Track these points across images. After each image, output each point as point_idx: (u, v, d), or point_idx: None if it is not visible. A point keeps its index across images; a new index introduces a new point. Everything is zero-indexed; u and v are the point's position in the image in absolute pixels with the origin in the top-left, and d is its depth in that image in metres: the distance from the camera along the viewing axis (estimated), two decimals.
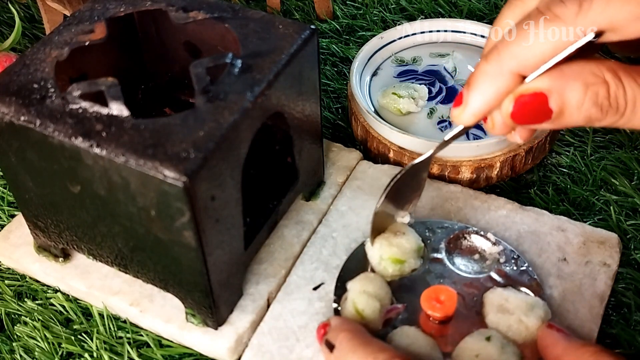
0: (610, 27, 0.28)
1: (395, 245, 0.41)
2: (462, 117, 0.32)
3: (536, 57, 0.29)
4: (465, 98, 0.32)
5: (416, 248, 0.42)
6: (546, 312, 0.38)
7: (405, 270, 0.41)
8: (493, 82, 0.30)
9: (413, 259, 0.41)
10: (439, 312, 0.38)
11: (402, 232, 0.42)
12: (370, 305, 0.39)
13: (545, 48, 0.29)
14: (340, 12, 0.66)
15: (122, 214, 0.36)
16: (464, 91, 0.32)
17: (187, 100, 0.47)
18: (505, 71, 0.30)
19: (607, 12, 0.28)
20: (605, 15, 0.28)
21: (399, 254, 0.41)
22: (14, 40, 0.56)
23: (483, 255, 0.42)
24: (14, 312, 0.44)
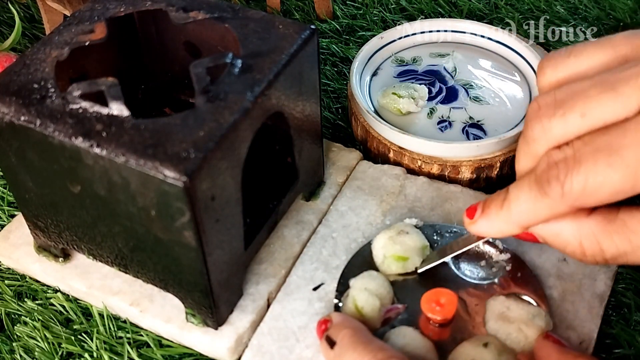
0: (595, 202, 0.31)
1: (398, 243, 0.41)
2: (469, 228, 0.37)
3: (535, 220, 0.34)
4: (476, 219, 0.37)
5: (420, 246, 0.42)
6: (547, 323, 0.38)
7: (408, 267, 0.41)
8: (500, 224, 0.36)
9: (417, 256, 0.41)
10: (438, 314, 0.38)
11: (406, 231, 0.42)
12: (370, 303, 0.39)
13: (543, 216, 0.33)
14: (340, 12, 0.66)
15: (122, 214, 0.36)
16: (478, 210, 0.37)
17: (187, 100, 0.47)
18: (511, 222, 0.35)
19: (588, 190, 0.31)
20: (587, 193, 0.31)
21: (402, 251, 0.41)
22: (14, 40, 0.56)
23: (489, 262, 0.42)
24: (14, 312, 0.44)
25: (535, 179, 0.33)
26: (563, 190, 0.31)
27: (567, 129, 0.32)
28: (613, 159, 0.30)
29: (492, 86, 0.54)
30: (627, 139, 0.30)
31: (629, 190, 0.30)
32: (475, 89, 0.54)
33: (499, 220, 0.36)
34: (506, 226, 0.36)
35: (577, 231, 0.33)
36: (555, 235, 0.35)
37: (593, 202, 0.31)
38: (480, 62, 0.56)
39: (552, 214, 0.33)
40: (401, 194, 0.47)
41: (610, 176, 0.30)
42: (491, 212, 0.36)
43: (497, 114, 0.51)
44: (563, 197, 0.32)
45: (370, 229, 0.45)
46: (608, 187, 0.30)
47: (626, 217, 0.32)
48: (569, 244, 0.34)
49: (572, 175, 0.31)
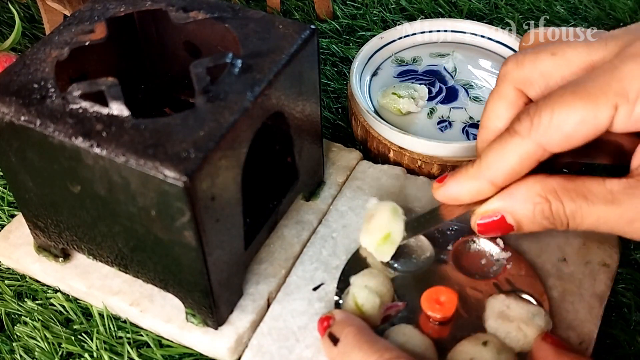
0: (561, 136, 0.33)
1: (372, 230, 0.41)
2: (437, 194, 0.38)
3: (505, 169, 0.35)
4: (446, 182, 0.38)
5: (390, 214, 0.41)
6: (547, 322, 0.38)
7: (397, 239, 0.41)
8: (470, 182, 0.36)
9: (395, 224, 0.41)
10: (438, 312, 0.38)
11: (371, 214, 0.42)
12: (370, 301, 0.39)
13: (513, 161, 0.34)
14: (340, 12, 0.66)
15: (122, 214, 0.36)
16: (449, 176, 0.38)
17: (187, 100, 0.47)
18: (481, 177, 0.36)
19: (554, 121, 0.32)
20: (554, 124, 0.33)
21: (379, 232, 0.41)
22: (14, 40, 0.56)
23: (490, 260, 0.42)
24: (14, 312, 0.44)
25: (507, 129, 0.35)
26: (532, 124, 0.33)
27: (537, 65, 0.35)
28: (578, 89, 0.33)
29: (492, 86, 0.54)
30: (591, 75, 0.33)
31: (591, 121, 0.32)
32: (475, 89, 0.54)
33: (468, 178, 0.36)
34: (475, 183, 0.36)
35: (543, 188, 0.34)
36: (523, 201, 0.35)
37: (559, 136, 0.33)
38: (480, 62, 0.56)
39: (521, 155, 0.34)
40: (401, 194, 0.47)
41: (574, 105, 0.32)
42: (461, 172, 0.37)
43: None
44: (531, 130, 0.33)
45: None
46: (573, 117, 0.32)
47: (585, 178, 0.34)
48: (538, 204, 0.35)
49: (541, 109, 0.33)
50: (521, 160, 0.34)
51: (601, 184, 0.34)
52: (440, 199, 0.38)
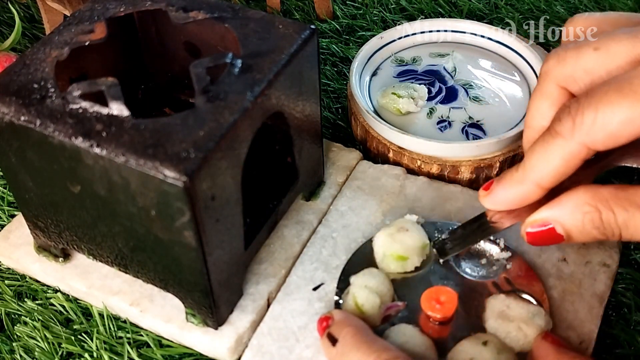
0: (606, 135, 0.32)
1: (398, 241, 0.41)
2: (485, 201, 0.38)
3: (550, 171, 0.34)
4: (493, 188, 0.37)
5: (420, 245, 0.42)
6: (547, 322, 0.38)
7: (408, 267, 0.41)
8: (516, 187, 0.36)
9: (417, 256, 0.41)
10: (438, 312, 0.38)
11: (406, 228, 0.42)
12: (370, 301, 0.39)
13: (557, 162, 0.33)
14: (340, 12, 0.66)
15: (122, 214, 0.36)
16: (494, 182, 0.37)
17: (187, 100, 0.47)
18: (527, 180, 0.35)
19: (598, 120, 0.31)
20: (598, 124, 0.31)
21: (402, 250, 0.41)
22: (14, 40, 0.56)
23: (490, 260, 0.42)
24: (14, 312, 0.44)
25: (547, 129, 0.34)
26: (574, 124, 0.32)
27: (580, 61, 0.34)
28: (623, 86, 0.31)
29: (491, 86, 0.54)
30: (636, 71, 0.31)
31: (637, 118, 0.31)
32: (475, 89, 0.54)
33: (514, 182, 0.36)
34: (522, 188, 0.35)
35: (593, 197, 0.33)
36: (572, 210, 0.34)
37: (604, 135, 0.32)
38: (480, 62, 0.56)
39: (565, 156, 0.33)
40: (401, 194, 0.47)
41: (620, 103, 0.31)
42: (506, 177, 0.36)
43: (496, 114, 0.51)
44: (574, 130, 0.32)
45: (370, 228, 0.45)
46: (618, 115, 0.31)
47: (637, 187, 0.33)
48: (588, 214, 0.34)
49: (584, 108, 0.32)
50: (565, 161, 0.33)
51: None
52: (488, 207, 0.38)
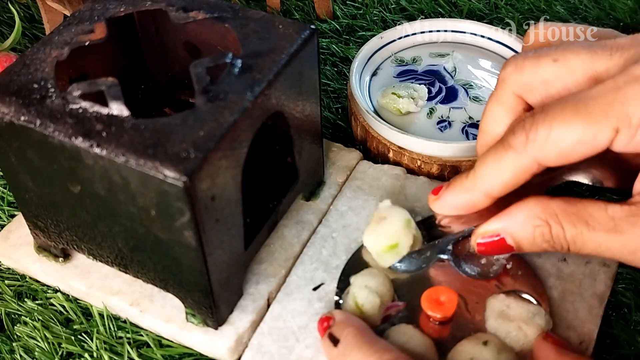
0: (557, 153, 0.32)
1: (382, 234, 0.41)
2: (433, 206, 0.38)
3: (499, 182, 0.34)
4: (441, 193, 0.37)
5: (402, 224, 0.41)
6: (547, 321, 0.38)
7: (402, 251, 0.41)
8: (465, 194, 0.36)
9: (404, 236, 0.40)
10: (438, 312, 0.38)
11: (383, 216, 0.41)
12: (370, 301, 0.39)
13: (507, 175, 0.34)
14: (340, 12, 0.66)
15: (122, 214, 0.36)
16: (444, 188, 0.37)
17: (187, 100, 0.47)
18: (475, 189, 0.35)
19: (551, 137, 0.32)
20: (551, 141, 0.32)
21: (388, 240, 0.41)
22: (14, 40, 0.56)
23: (490, 259, 0.42)
24: (14, 312, 0.44)
25: (500, 139, 0.34)
26: (527, 138, 0.32)
27: (538, 71, 0.34)
28: (579, 107, 0.31)
29: (491, 86, 0.54)
30: (593, 91, 0.31)
31: (590, 141, 0.31)
32: (475, 89, 0.54)
33: (463, 190, 0.36)
34: (470, 195, 0.36)
35: (543, 211, 0.34)
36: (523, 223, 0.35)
37: (555, 153, 0.32)
38: (480, 62, 0.56)
39: (515, 169, 0.33)
40: (401, 194, 0.47)
41: (574, 123, 0.31)
42: (455, 183, 0.37)
43: None
44: (526, 145, 0.32)
45: None
46: (571, 135, 0.31)
47: (587, 202, 0.33)
48: (538, 227, 0.34)
49: (538, 124, 0.32)
50: (515, 174, 0.34)
51: (603, 210, 0.33)
52: (436, 211, 0.38)
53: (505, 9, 0.65)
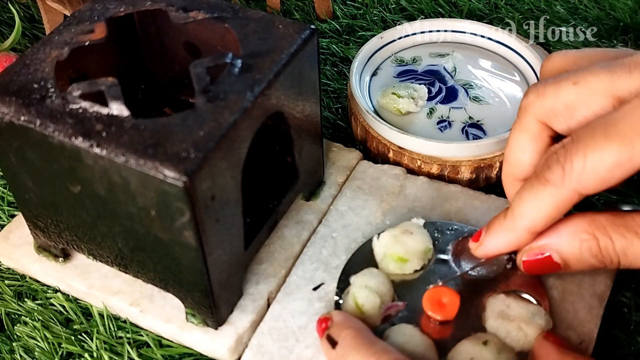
0: (596, 180, 0.32)
1: (400, 243, 0.41)
2: (477, 252, 0.39)
3: (541, 218, 0.34)
4: (482, 239, 0.38)
5: (423, 249, 0.42)
6: (547, 321, 0.38)
7: (407, 269, 0.41)
8: (507, 235, 0.36)
9: (417, 259, 0.41)
10: (440, 314, 0.38)
11: (410, 231, 0.42)
12: (370, 301, 0.39)
13: (548, 209, 0.34)
14: (340, 12, 0.66)
15: (122, 214, 0.36)
16: (483, 232, 0.38)
17: (187, 100, 0.47)
18: (517, 228, 0.35)
19: (588, 166, 0.31)
20: (588, 170, 0.32)
21: (403, 252, 0.41)
22: (14, 40, 0.56)
23: (490, 259, 0.42)
24: (14, 312, 0.44)
25: (535, 174, 0.34)
26: (564, 171, 0.32)
27: (560, 95, 0.34)
28: (609, 130, 0.31)
29: (491, 86, 0.54)
30: (620, 113, 0.31)
31: (627, 162, 0.31)
32: (475, 89, 0.54)
33: (504, 231, 0.36)
34: (513, 235, 0.36)
35: (590, 225, 0.34)
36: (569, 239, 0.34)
37: (594, 181, 0.32)
38: (480, 62, 0.56)
39: (556, 203, 0.33)
40: (401, 194, 0.47)
41: (608, 148, 0.31)
42: (495, 226, 0.37)
43: (496, 114, 0.51)
44: (564, 178, 0.32)
45: (370, 229, 0.45)
46: (607, 160, 0.31)
47: (635, 214, 0.33)
48: (586, 241, 0.34)
49: (572, 155, 0.32)
50: (557, 208, 0.33)
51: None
52: (481, 257, 0.39)
53: (505, 9, 0.65)
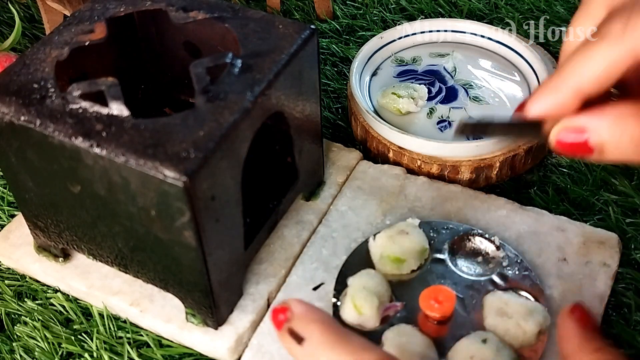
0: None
1: (396, 243, 0.41)
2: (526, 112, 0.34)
3: (591, 75, 0.31)
4: (527, 106, 0.34)
5: (419, 249, 0.42)
6: (545, 317, 0.38)
7: (403, 269, 0.41)
8: (553, 95, 0.32)
9: (414, 259, 0.41)
10: (436, 312, 0.38)
11: (406, 232, 0.42)
12: (368, 302, 0.39)
13: (600, 67, 0.31)
14: (340, 12, 0.66)
15: (122, 214, 0.36)
16: (528, 100, 0.34)
17: (187, 100, 0.47)
18: (564, 86, 0.32)
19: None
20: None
21: (399, 252, 0.41)
22: (14, 40, 0.56)
23: (486, 258, 0.42)
24: (14, 312, 0.44)
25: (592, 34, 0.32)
26: (626, 25, 0.30)
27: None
28: None
29: (491, 86, 0.54)
30: None
31: None
32: (475, 89, 0.54)
33: (550, 90, 0.33)
34: (559, 95, 0.32)
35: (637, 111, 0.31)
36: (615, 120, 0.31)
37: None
38: (480, 62, 0.56)
39: (609, 61, 0.31)
40: (401, 194, 0.47)
41: None
42: (542, 86, 0.33)
43: (496, 114, 0.51)
44: (625, 32, 0.30)
45: (370, 228, 0.45)
46: None
47: None
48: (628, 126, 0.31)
49: (637, 11, 0.29)
50: (610, 66, 0.30)
51: None
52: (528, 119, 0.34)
53: (505, 9, 0.65)
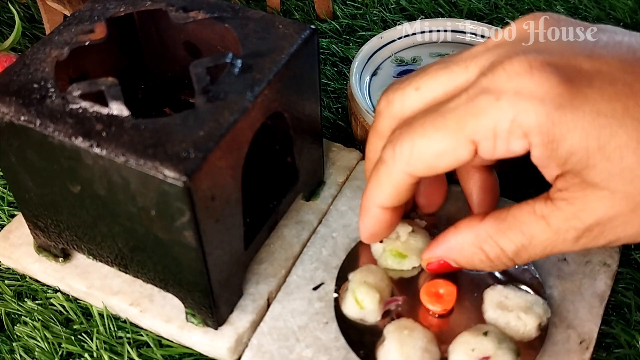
0: (423, 165, 0.33)
1: (399, 239, 0.41)
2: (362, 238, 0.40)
3: (385, 195, 0.36)
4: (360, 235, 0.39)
5: (422, 248, 0.42)
6: (545, 310, 0.38)
7: (405, 265, 0.41)
8: (367, 215, 0.38)
9: (416, 256, 0.41)
10: (438, 306, 0.39)
11: (410, 229, 0.42)
12: (369, 296, 0.39)
13: (387, 187, 0.35)
14: (340, 12, 0.66)
15: (122, 214, 0.36)
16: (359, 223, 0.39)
17: (187, 100, 0.47)
18: (371, 206, 0.37)
19: (415, 151, 0.33)
20: (415, 155, 0.33)
21: (402, 248, 0.41)
22: (14, 40, 0.56)
23: None
24: (14, 312, 0.44)
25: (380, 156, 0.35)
26: (394, 152, 0.33)
27: (405, 102, 0.35)
28: (437, 120, 0.32)
29: None
30: (452, 104, 0.32)
31: (450, 153, 0.32)
32: None
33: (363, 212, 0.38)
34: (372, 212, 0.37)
35: (475, 239, 0.35)
36: (459, 251, 0.36)
37: (422, 165, 0.33)
38: None
39: (392, 182, 0.35)
40: None
41: (434, 136, 0.32)
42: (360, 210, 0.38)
43: None
44: (395, 158, 0.33)
45: None
46: (433, 147, 0.32)
47: (515, 211, 0.33)
48: (475, 254, 0.35)
49: (403, 138, 0.33)
50: (395, 186, 0.35)
51: (531, 212, 0.33)
52: (365, 241, 0.40)
53: (505, 9, 0.65)
